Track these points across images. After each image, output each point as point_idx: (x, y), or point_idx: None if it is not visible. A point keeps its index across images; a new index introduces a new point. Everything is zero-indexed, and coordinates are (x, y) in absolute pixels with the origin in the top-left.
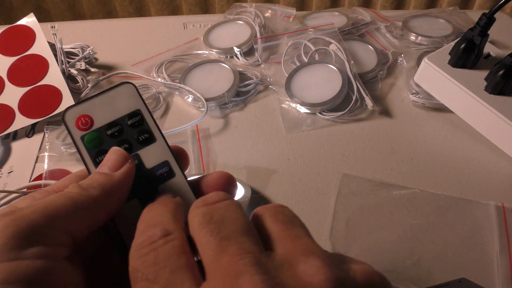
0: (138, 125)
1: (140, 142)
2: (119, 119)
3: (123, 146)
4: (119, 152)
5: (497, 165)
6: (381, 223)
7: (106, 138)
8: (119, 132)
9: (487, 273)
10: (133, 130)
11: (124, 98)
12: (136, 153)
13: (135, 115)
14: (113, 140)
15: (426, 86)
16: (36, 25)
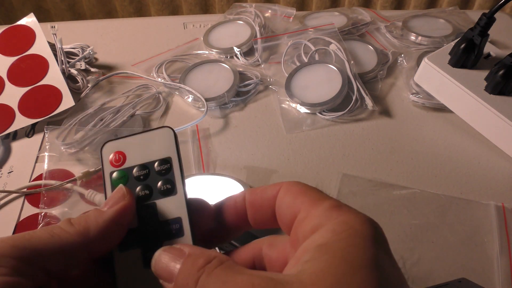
0: (164, 173)
1: (160, 191)
2: (149, 163)
3: (144, 192)
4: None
5: (497, 165)
6: (381, 223)
7: (131, 179)
8: (145, 176)
9: (487, 273)
10: (158, 178)
11: (160, 143)
12: (154, 201)
13: (165, 163)
14: (137, 182)
15: (426, 86)
16: (36, 25)
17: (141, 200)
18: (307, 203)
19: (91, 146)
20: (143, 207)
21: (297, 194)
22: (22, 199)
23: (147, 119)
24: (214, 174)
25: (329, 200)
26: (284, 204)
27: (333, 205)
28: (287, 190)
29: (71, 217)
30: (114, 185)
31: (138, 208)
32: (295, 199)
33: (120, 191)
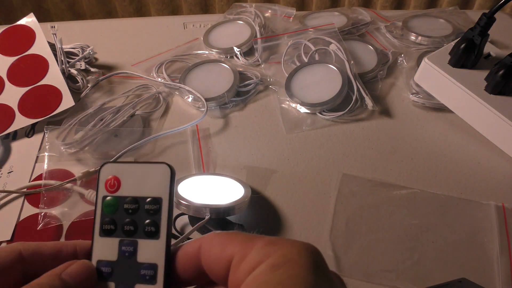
0: (152, 214)
1: (145, 232)
2: (140, 198)
3: (129, 227)
4: (86, 270)
5: (497, 165)
6: (381, 223)
7: (121, 209)
8: (133, 211)
9: (487, 273)
10: (146, 216)
11: (155, 179)
12: (136, 240)
13: (155, 203)
14: (125, 215)
15: (426, 86)
16: (36, 25)
17: (125, 234)
18: (238, 247)
19: (91, 146)
20: (125, 242)
21: (223, 243)
22: (22, 199)
23: (147, 119)
24: (214, 174)
25: (262, 238)
26: (213, 256)
27: (267, 241)
28: (210, 243)
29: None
30: (104, 211)
31: (120, 241)
32: (224, 247)
33: (89, 268)
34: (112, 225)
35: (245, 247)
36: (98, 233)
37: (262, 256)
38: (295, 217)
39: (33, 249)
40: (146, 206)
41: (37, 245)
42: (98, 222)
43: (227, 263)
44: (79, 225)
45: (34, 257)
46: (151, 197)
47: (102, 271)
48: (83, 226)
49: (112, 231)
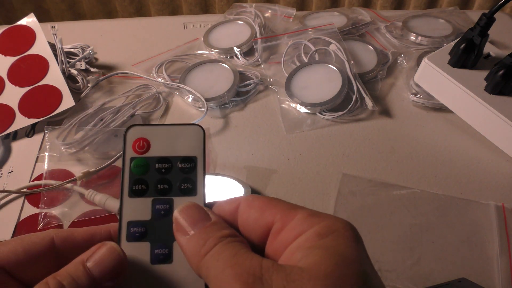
0: (187, 172)
1: (180, 189)
2: (173, 157)
3: (163, 185)
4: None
5: (497, 165)
6: (381, 223)
7: (152, 169)
8: (166, 170)
9: (487, 273)
10: (180, 175)
11: (188, 139)
12: (172, 198)
13: (189, 161)
14: (158, 174)
15: (426, 86)
16: (36, 25)
17: (158, 193)
18: (280, 214)
19: (91, 146)
20: (159, 201)
21: (263, 208)
22: (22, 199)
23: (147, 119)
24: (214, 174)
25: (303, 209)
26: (251, 219)
27: (309, 213)
28: (249, 206)
29: (71, 217)
30: (133, 171)
31: (154, 201)
32: (263, 212)
33: (114, 253)
34: (143, 185)
35: (286, 215)
36: (127, 194)
37: (306, 226)
38: None
39: (66, 236)
40: (180, 164)
41: (70, 231)
42: (126, 184)
43: (266, 229)
44: (79, 225)
45: (66, 243)
46: (185, 156)
47: (135, 231)
48: (83, 226)
49: (144, 191)
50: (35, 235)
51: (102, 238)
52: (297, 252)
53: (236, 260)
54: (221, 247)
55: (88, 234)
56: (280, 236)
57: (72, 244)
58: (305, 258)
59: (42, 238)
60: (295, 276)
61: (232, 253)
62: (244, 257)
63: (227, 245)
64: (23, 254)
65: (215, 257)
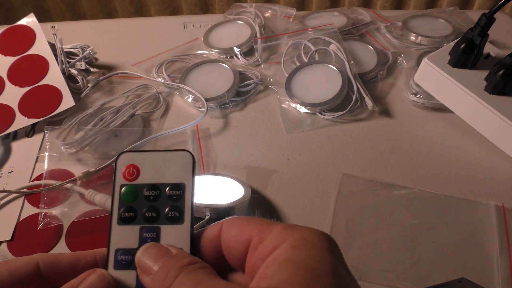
0: (175, 199)
1: (168, 217)
2: (162, 184)
3: (150, 213)
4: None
5: (497, 165)
6: (381, 223)
7: (140, 197)
8: (155, 197)
9: (487, 273)
10: (168, 202)
11: (176, 166)
12: (159, 226)
13: (177, 188)
14: (146, 202)
15: (426, 86)
16: (36, 25)
17: (146, 221)
18: (257, 230)
19: (91, 146)
20: (146, 228)
21: (242, 226)
22: (22, 199)
23: (147, 119)
24: (214, 174)
25: (279, 223)
26: (232, 238)
27: (285, 226)
28: (230, 226)
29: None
30: (123, 198)
31: (141, 228)
32: (242, 230)
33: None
34: (131, 213)
35: (263, 230)
36: (116, 222)
37: (281, 239)
38: (295, 217)
39: (51, 260)
40: (168, 192)
41: (55, 255)
42: (116, 211)
43: (245, 245)
44: (79, 225)
45: (51, 268)
46: (173, 183)
47: (122, 259)
48: (83, 226)
49: (132, 219)
50: (20, 259)
51: (87, 263)
52: (271, 267)
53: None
54: (183, 277)
55: (73, 259)
56: (257, 251)
57: (57, 269)
58: (276, 275)
59: (27, 262)
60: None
61: (194, 282)
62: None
63: (189, 274)
64: (8, 278)
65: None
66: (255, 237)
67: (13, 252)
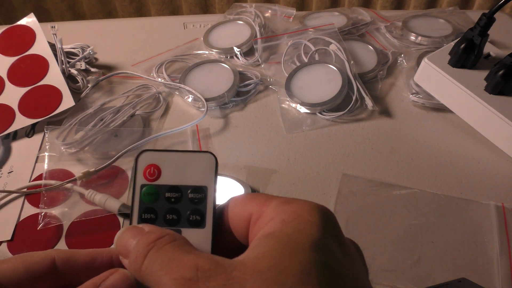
0: (197, 203)
1: (189, 220)
2: (183, 186)
3: (171, 216)
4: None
5: (497, 165)
6: (381, 223)
7: (161, 198)
8: (176, 200)
9: (487, 273)
10: (189, 205)
11: (199, 168)
12: (180, 229)
13: (199, 191)
14: (167, 204)
15: (426, 86)
16: (36, 25)
17: (166, 223)
18: (257, 205)
19: (91, 146)
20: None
21: (245, 202)
22: (22, 199)
23: (147, 119)
24: None
25: (278, 198)
26: (235, 215)
27: (282, 200)
28: (235, 203)
29: (71, 217)
30: (143, 199)
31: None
32: (244, 206)
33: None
34: (152, 214)
35: (262, 205)
36: (136, 223)
37: (275, 213)
38: None
39: (67, 257)
40: (190, 195)
41: (71, 252)
42: (136, 212)
43: (247, 221)
44: (79, 225)
45: (68, 265)
46: (195, 186)
47: None
48: (83, 226)
49: (153, 220)
50: (37, 254)
51: (103, 262)
52: (256, 240)
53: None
54: (152, 255)
55: (90, 257)
56: (255, 226)
57: (73, 265)
58: (256, 248)
59: (43, 257)
60: (237, 272)
61: (165, 259)
62: (177, 261)
63: (158, 252)
64: (24, 273)
65: (149, 268)
66: (255, 213)
67: (13, 252)
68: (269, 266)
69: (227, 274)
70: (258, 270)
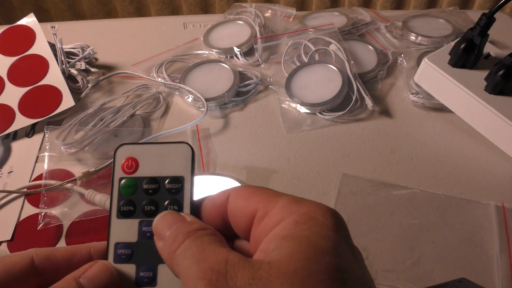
0: (174, 193)
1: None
2: (161, 177)
3: (149, 207)
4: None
5: (497, 165)
6: (381, 223)
7: (140, 190)
8: (154, 191)
9: (487, 273)
10: (167, 195)
11: (175, 158)
12: None
13: (176, 181)
14: (145, 195)
15: (426, 86)
16: (36, 25)
17: (145, 214)
18: (263, 202)
19: (91, 146)
20: (146, 222)
21: (249, 196)
22: (22, 199)
23: (147, 119)
24: (214, 174)
25: (286, 196)
26: (237, 208)
27: (291, 199)
28: (237, 195)
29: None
30: (122, 192)
31: (140, 222)
32: (248, 200)
33: (108, 271)
34: (131, 206)
35: (269, 202)
36: (115, 215)
37: (286, 213)
38: None
39: (46, 254)
40: (167, 185)
41: (50, 250)
42: (115, 204)
43: (251, 216)
44: (79, 225)
45: (47, 262)
46: (172, 176)
47: (121, 253)
48: (83, 226)
49: (131, 212)
50: (15, 255)
51: (82, 258)
52: (272, 242)
53: (203, 255)
54: (189, 243)
55: (69, 253)
56: (262, 224)
57: (52, 263)
58: (277, 250)
59: (22, 257)
60: (262, 272)
61: (200, 248)
62: (211, 252)
63: (195, 241)
64: (3, 274)
65: (182, 254)
66: (261, 210)
67: (13, 252)
68: (295, 269)
69: (254, 272)
70: (283, 273)
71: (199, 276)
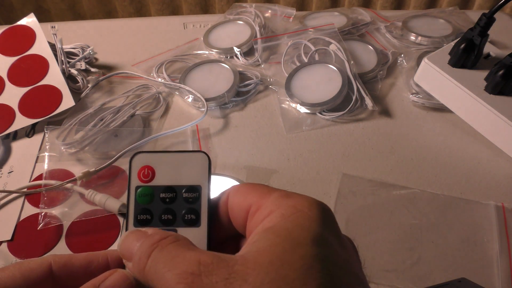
0: (191, 202)
1: (184, 220)
2: (178, 186)
3: (167, 216)
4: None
5: (497, 165)
6: (381, 223)
7: (156, 199)
8: (171, 200)
9: (487, 273)
10: (184, 205)
11: (192, 167)
12: (175, 228)
13: (193, 191)
14: (162, 204)
15: (426, 86)
16: (36, 25)
17: (162, 223)
18: (256, 197)
19: (91, 146)
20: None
21: (245, 192)
22: (22, 199)
23: (147, 119)
24: (214, 174)
25: (278, 191)
26: (235, 205)
27: (282, 194)
28: (236, 192)
29: (71, 217)
30: (138, 201)
31: None
32: (245, 197)
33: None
34: (148, 215)
35: (262, 197)
36: (132, 224)
37: (275, 206)
38: None
39: (64, 261)
40: (184, 194)
41: (68, 256)
42: (132, 213)
43: (246, 212)
44: (79, 225)
45: (64, 270)
46: (189, 185)
47: None
48: (83, 226)
49: (149, 221)
50: (33, 261)
51: (100, 265)
52: (256, 234)
53: (173, 262)
54: (155, 255)
55: (86, 261)
56: (253, 218)
57: (70, 270)
58: (257, 242)
59: (40, 264)
60: (238, 267)
61: (168, 257)
62: (180, 257)
63: (162, 251)
64: (21, 281)
65: (153, 267)
66: (254, 204)
67: (13, 252)
68: (270, 260)
69: (229, 268)
70: (260, 264)
71: (176, 281)
